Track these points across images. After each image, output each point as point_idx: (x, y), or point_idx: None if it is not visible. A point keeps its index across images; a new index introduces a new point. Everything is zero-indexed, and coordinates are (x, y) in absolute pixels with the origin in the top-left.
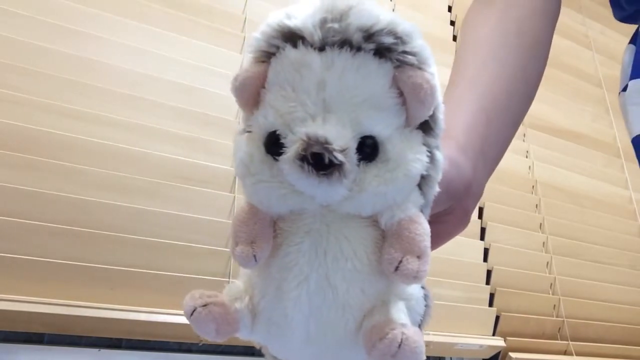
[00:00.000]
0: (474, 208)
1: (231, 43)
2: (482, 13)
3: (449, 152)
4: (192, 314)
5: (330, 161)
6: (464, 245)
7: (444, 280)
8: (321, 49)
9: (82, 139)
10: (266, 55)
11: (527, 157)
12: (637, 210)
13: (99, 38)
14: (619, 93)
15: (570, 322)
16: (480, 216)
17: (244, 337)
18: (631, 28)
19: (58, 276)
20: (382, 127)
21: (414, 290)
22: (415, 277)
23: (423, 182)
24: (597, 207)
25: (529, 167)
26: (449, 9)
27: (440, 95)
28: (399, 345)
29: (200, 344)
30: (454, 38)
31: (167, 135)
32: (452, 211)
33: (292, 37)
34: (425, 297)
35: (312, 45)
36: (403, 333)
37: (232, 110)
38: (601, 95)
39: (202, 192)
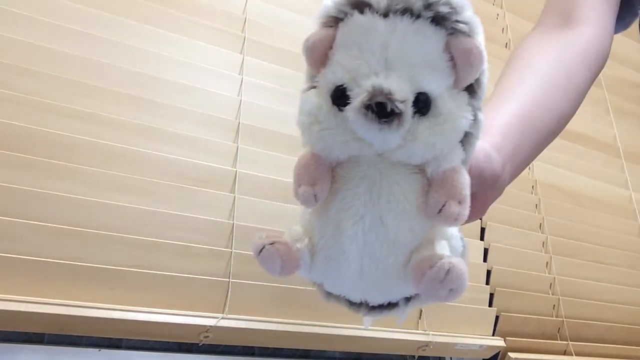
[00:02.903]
0: (492, 201)
1: (231, 43)
2: (542, 44)
3: (486, 146)
4: (260, 252)
5: (392, 110)
6: None
7: None
8: (385, 15)
9: (82, 139)
10: (334, 21)
11: None
12: (637, 210)
13: (100, 38)
14: None
15: (570, 322)
16: None
17: (303, 275)
18: (632, 29)
19: (58, 276)
20: (435, 85)
21: (454, 231)
22: (455, 219)
23: (465, 139)
24: (597, 207)
25: (529, 167)
26: None
27: (486, 62)
28: (447, 272)
29: (201, 344)
30: None
31: (167, 135)
32: (473, 197)
33: (359, 4)
34: (462, 238)
35: (377, 12)
36: (450, 262)
37: (232, 110)
38: (601, 95)
39: (202, 192)
